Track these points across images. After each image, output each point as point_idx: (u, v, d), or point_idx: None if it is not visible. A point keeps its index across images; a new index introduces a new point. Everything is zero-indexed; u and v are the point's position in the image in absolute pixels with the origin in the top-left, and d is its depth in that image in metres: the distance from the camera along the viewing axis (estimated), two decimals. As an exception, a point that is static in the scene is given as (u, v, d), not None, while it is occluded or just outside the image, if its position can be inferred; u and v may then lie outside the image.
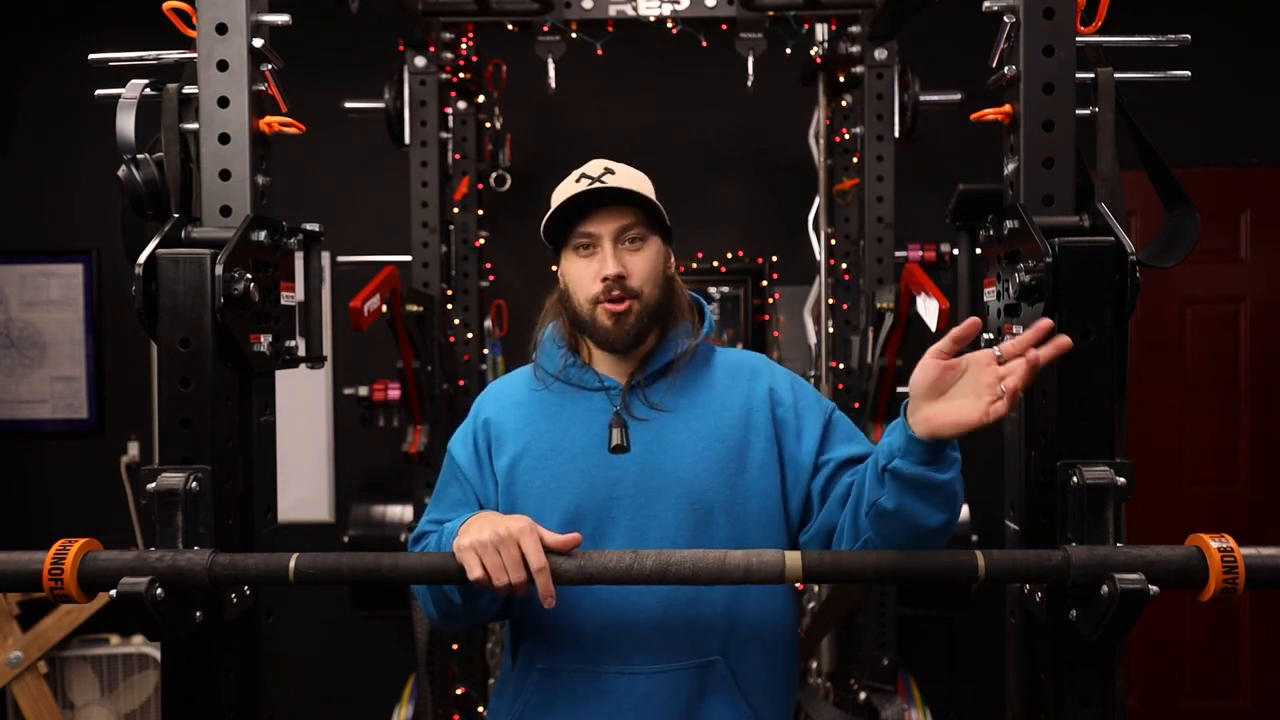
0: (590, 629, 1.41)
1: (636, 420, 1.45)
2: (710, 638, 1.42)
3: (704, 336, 1.54)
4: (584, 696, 1.41)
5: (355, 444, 3.62)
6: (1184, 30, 1.40)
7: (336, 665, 3.63)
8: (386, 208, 3.33)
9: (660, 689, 1.40)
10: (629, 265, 1.43)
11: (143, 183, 1.34)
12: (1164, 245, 1.36)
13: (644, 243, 1.46)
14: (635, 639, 1.40)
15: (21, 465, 3.67)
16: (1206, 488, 3.63)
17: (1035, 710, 1.33)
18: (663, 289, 1.48)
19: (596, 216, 1.44)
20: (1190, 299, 3.63)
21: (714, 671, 1.42)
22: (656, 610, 1.40)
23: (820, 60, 3.04)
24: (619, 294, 1.42)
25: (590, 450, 1.44)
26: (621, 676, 1.40)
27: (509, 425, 1.49)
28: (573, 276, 1.47)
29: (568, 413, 1.48)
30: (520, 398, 1.52)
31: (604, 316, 1.44)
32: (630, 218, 1.44)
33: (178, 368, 1.25)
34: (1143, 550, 1.16)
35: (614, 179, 1.45)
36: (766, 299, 3.56)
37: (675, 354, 1.49)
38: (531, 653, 1.45)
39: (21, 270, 3.63)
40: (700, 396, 1.49)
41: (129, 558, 1.17)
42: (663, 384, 1.48)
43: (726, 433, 1.46)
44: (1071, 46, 1.32)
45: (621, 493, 1.42)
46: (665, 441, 1.44)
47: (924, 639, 3.51)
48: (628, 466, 1.43)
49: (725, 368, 1.53)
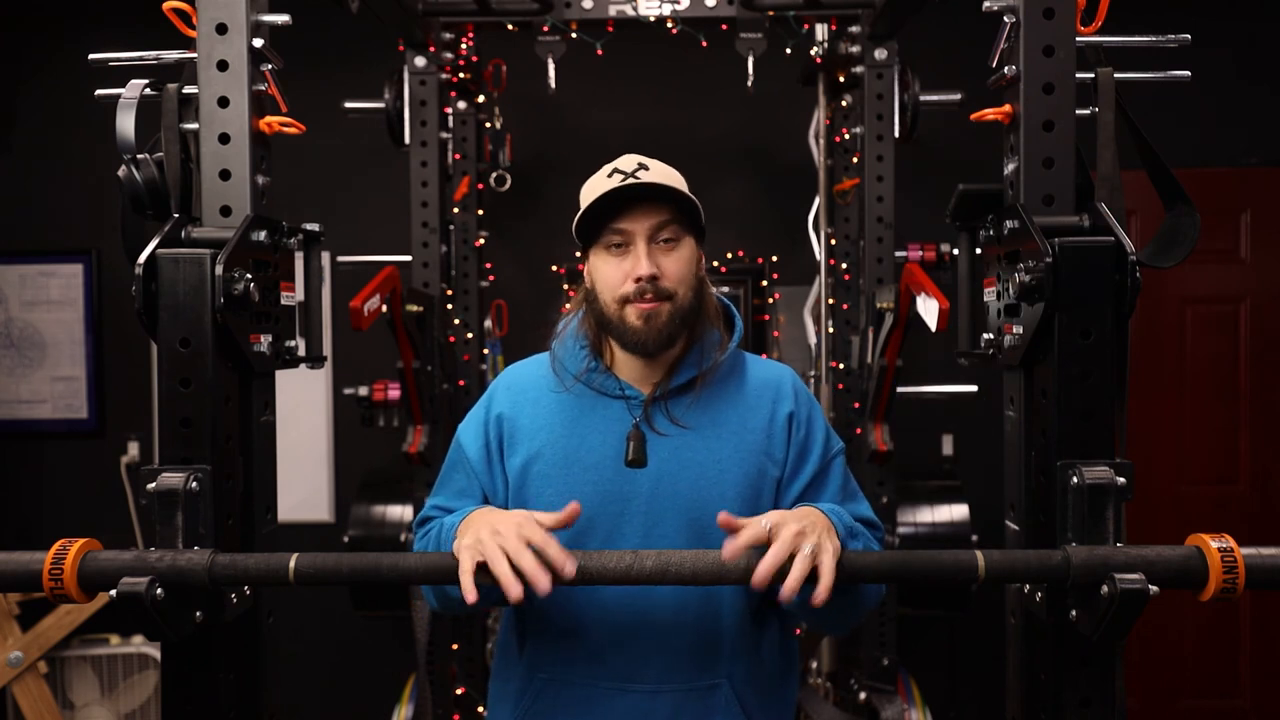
0: (597, 642, 1.39)
1: (656, 434, 1.41)
2: (718, 660, 1.40)
3: (733, 347, 1.49)
4: (586, 711, 1.39)
5: (355, 444, 3.62)
6: (1184, 30, 1.40)
7: (336, 665, 3.63)
8: (386, 208, 3.33)
9: (664, 708, 1.38)
10: (663, 266, 1.38)
11: (143, 183, 1.33)
12: (1164, 245, 1.36)
13: (678, 243, 1.41)
14: (642, 657, 1.38)
15: (21, 465, 3.67)
16: (1206, 488, 3.63)
17: (1035, 710, 1.33)
18: (695, 292, 1.43)
19: (630, 213, 1.38)
20: (1190, 299, 3.63)
21: (719, 694, 1.40)
22: (665, 628, 1.38)
23: (820, 60, 3.04)
24: (651, 296, 1.37)
25: (605, 462, 1.40)
26: (625, 694, 1.38)
27: (523, 423, 1.45)
28: (602, 275, 1.42)
29: (586, 419, 1.43)
30: (537, 396, 1.47)
31: (634, 316, 1.38)
32: (665, 215, 1.39)
33: (178, 368, 1.25)
34: (1143, 550, 1.16)
35: (648, 174, 1.40)
36: (766, 299, 3.56)
37: (701, 369, 1.44)
38: (536, 658, 1.43)
39: (21, 270, 3.64)
40: (724, 416, 1.44)
41: (129, 558, 1.17)
42: (687, 398, 1.43)
43: (746, 457, 1.42)
44: (1071, 46, 1.32)
45: (634, 509, 1.39)
46: (683, 460, 1.40)
47: (924, 639, 3.51)
48: (643, 483, 1.39)
49: (754, 383, 1.48)
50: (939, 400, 3.02)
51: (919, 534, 2.79)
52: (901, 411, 2.88)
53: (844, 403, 3.05)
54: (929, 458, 3.51)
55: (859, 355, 2.93)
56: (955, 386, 2.97)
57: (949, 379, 2.97)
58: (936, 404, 3.08)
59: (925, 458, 3.48)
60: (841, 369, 3.08)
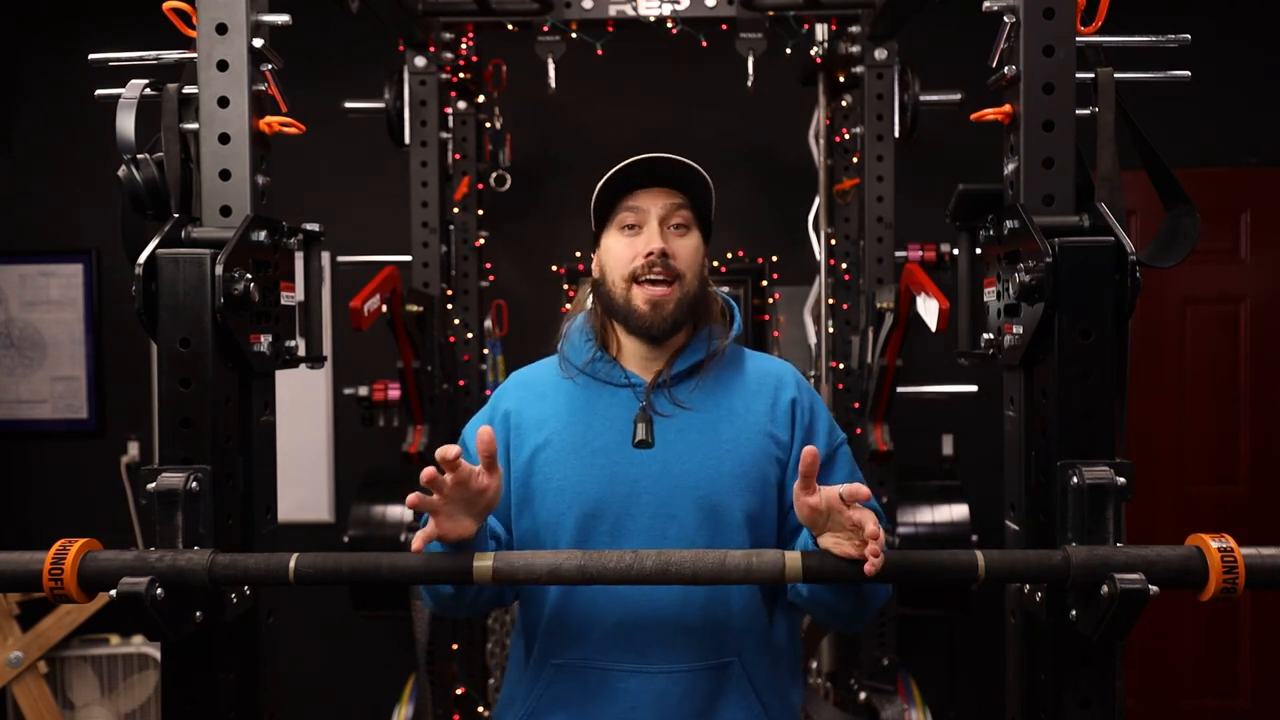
0: (607, 627, 1.40)
1: (662, 417, 1.43)
2: (727, 639, 1.42)
3: (733, 338, 1.53)
4: (598, 694, 1.41)
5: (355, 444, 3.62)
6: (1184, 30, 1.40)
7: (336, 665, 3.63)
8: (386, 208, 3.33)
9: (676, 688, 1.40)
10: (674, 247, 1.44)
11: (143, 183, 1.33)
12: (1164, 245, 1.36)
13: (689, 230, 1.47)
14: (652, 638, 1.40)
15: (21, 465, 3.67)
16: (1206, 488, 3.63)
17: (1035, 710, 1.33)
18: (701, 282, 1.48)
19: (648, 191, 1.44)
20: (1190, 299, 3.63)
21: (730, 672, 1.42)
22: (674, 610, 1.39)
23: (820, 60, 3.04)
24: (661, 271, 1.41)
25: (613, 446, 1.43)
26: (637, 675, 1.40)
27: (530, 416, 1.48)
28: (613, 254, 1.46)
29: (593, 407, 1.46)
30: (543, 389, 1.50)
31: (640, 300, 1.43)
32: (680, 198, 1.45)
33: (178, 368, 1.25)
34: (1143, 550, 1.16)
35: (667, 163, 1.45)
36: (766, 299, 3.56)
37: (704, 354, 1.48)
38: (546, 648, 1.44)
39: (21, 270, 3.63)
40: (727, 400, 1.47)
41: (129, 558, 1.17)
42: (690, 383, 1.47)
43: (751, 438, 1.45)
44: (1071, 46, 1.32)
45: (642, 490, 1.41)
46: (690, 442, 1.43)
47: (924, 639, 3.51)
48: (650, 465, 1.41)
49: (755, 373, 1.51)
50: (939, 400, 3.03)
51: (919, 534, 2.79)
52: (901, 411, 2.88)
53: (844, 403, 3.05)
54: (929, 458, 3.51)
55: (859, 355, 2.93)
56: (955, 386, 2.97)
57: (949, 379, 2.97)
58: (936, 404, 3.08)
59: (925, 458, 3.47)
60: (841, 369, 3.08)
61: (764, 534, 1.44)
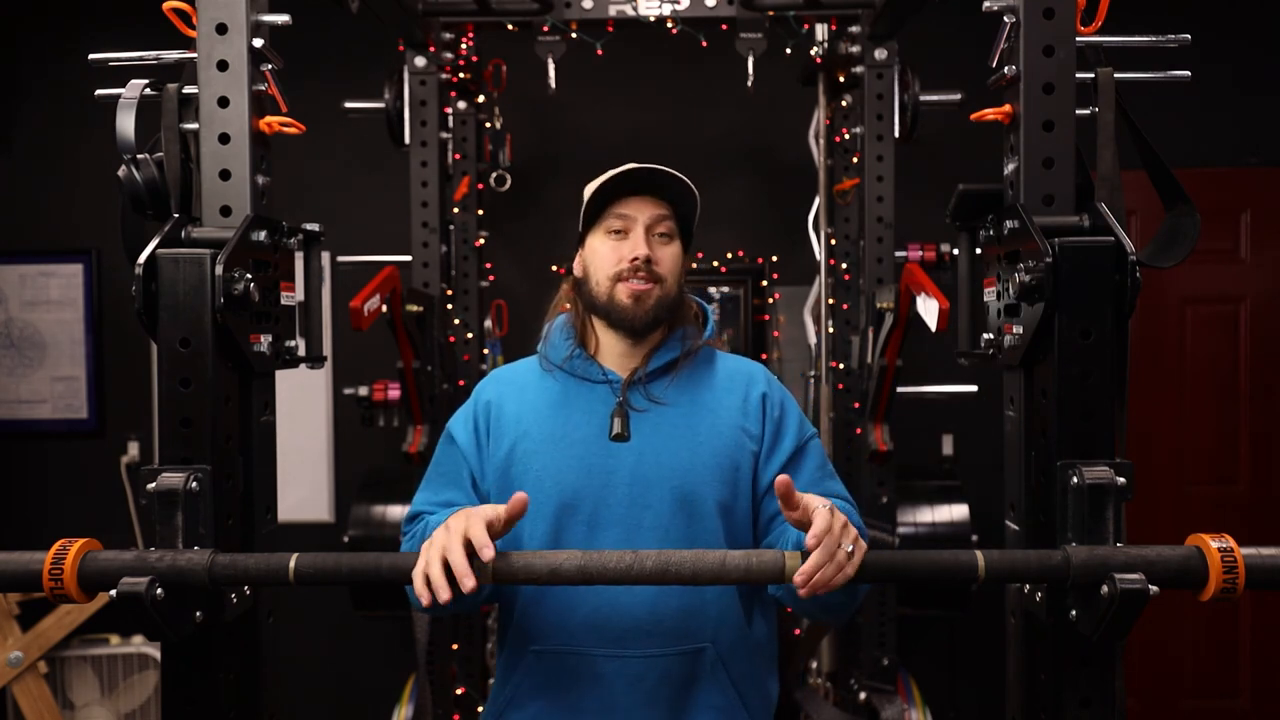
0: (584, 613, 1.43)
1: (637, 412, 1.48)
2: (703, 625, 1.45)
3: (706, 339, 1.58)
4: (576, 679, 1.44)
5: (355, 444, 3.62)
6: (1183, 30, 1.40)
7: (336, 665, 3.63)
8: (386, 208, 3.33)
9: (652, 673, 1.43)
10: (657, 253, 1.50)
11: (143, 183, 1.33)
12: (1164, 245, 1.36)
13: (672, 240, 1.53)
14: (628, 624, 1.43)
15: (21, 465, 3.67)
16: (1206, 488, 3.63)
17: (1035, 710, 1.33)
18: (679, 286, 1.55)
19: (636, 200, 1.50)
20: (1190, 299, 3.63)
21: (704, 657, 1.45)
22: (649, 596, 1.42)
23: (820, 60, 3.04)
24: (644, 275, 1.48)
25: (590, 439, 1.47)
26: (614, 660, 1.43)
27: (510, 408, 1.53)
28: (599, 255, 1.52)
29: (570, 401, 1.51)
30: (523, 384, 1.56)
31: (624, 294, 1.48)
32: (666, 209, 1.52)
33: (178, 368, 1.25)
34: (1143, 550, 1.16)
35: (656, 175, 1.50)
36: (766, 299, 3.56)
37: (679, 352, 1.53)
38: (524, 636, 1.47)
39: (21, 270, 3.63)
40: (700, 395, 1.52)
41: (129, 558, 1.17)
42: (665, 380, 1.52)
43: (723, 431, 1.49)
44: (1071, 46, 1.32)
45: (618, 481, 1.45)
46: (664, 435, 1.48)
47: (924, 639, 3.51)
48: (626, 457, 1.46)
49: (726, 372, 1.57)
50: (939, 400, 3.03)
51: (919, 534, 2.79)
52: (901, 411, 2.88)
53: (844, 403, 3.05)
54: (929, 458, 3.51)
55: (859, 355, 2.93)
56: (955, 386, 2.97)
57: (949, 379, 2.97)
58: (936, 404, 3.08)
59: (925, 458, 3.47)
60: (841, 369, 3.07)
61: (736, 523, 1.48)
